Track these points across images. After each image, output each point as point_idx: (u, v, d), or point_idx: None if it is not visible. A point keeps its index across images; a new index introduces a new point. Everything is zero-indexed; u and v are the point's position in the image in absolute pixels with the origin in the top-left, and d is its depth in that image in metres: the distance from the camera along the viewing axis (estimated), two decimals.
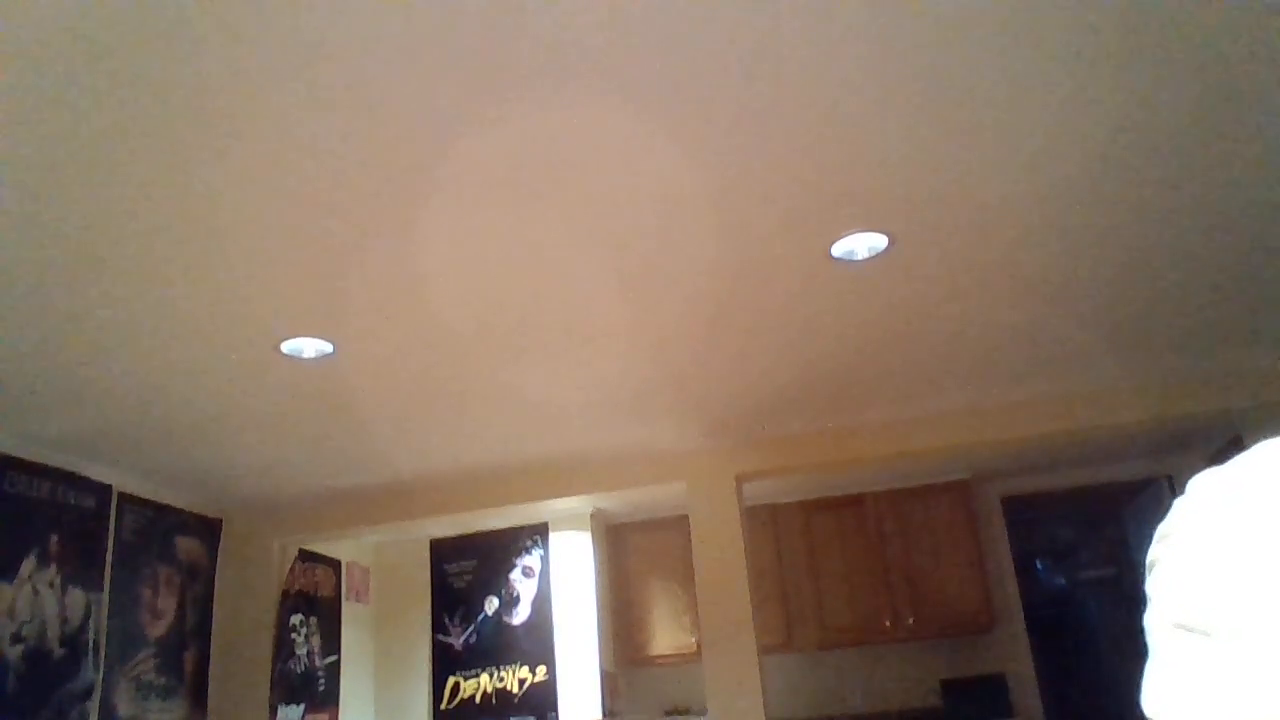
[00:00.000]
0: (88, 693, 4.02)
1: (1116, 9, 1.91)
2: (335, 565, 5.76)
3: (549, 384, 3.78)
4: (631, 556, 6.13)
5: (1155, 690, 0.56)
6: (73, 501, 4.08)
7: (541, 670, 5.68)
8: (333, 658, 5.59)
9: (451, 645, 5.91)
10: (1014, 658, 5.80)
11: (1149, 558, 0.61)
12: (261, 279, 2.72)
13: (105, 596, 4.20)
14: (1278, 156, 2.52)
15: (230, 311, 2.90)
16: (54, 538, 3.94)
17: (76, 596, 4.03)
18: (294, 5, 1.73)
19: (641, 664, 6.02)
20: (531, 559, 5.89)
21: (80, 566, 4.07)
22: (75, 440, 3.89)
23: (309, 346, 3.20)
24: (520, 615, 5.83)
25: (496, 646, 5.81)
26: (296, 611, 5.28)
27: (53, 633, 3.87)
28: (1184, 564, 0.57)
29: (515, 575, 5.91)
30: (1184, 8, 1.92)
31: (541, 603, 5.80)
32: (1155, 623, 0.58)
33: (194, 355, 3.18)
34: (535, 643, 5.74)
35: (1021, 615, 5.88)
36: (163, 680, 4.52)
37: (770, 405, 4.28)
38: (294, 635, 5.22)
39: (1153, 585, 0.60)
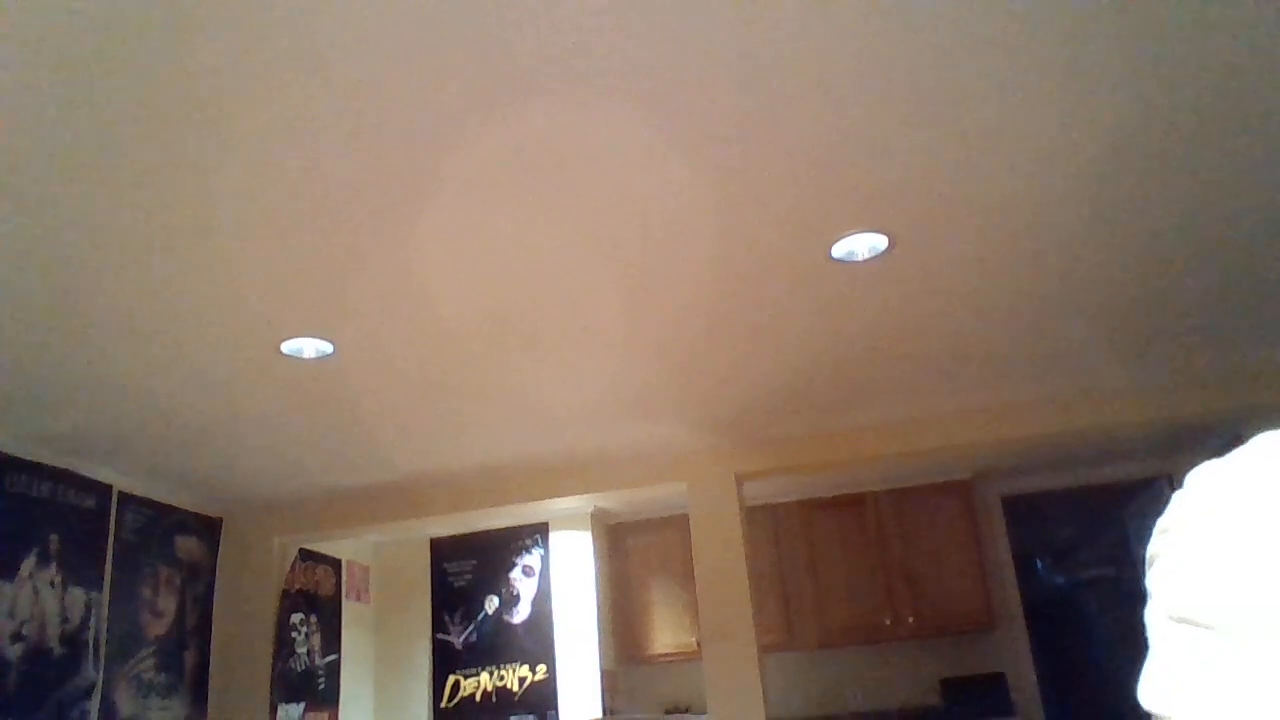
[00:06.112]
0: (88, 692, 4.02)
1: (1116, 10, 1.91)
2: (335, 565, 5.77)
3: (549, 384, 3.78)
4: (631, 556, 6.13)
5: (1153, 682, 0.56)
6: (73, 501, 4.08)
7: (541, 669, 5.69)
8: (333, 656, 5.59)
9: (451, 644, 5.92)
10: (1014, 657, 5.80)
11: (1149, 552, 0.61)
12: (261, 279, 2.72)
13: (105, 596, 4.20)
14: (1278, 157, 2.52)
15: (230, 311, 2.90)
16: (54, 537, 3.95)
17: (77, 596, 4.03)
18: (296, 5, 1.72)
19: (641, 662, 6.02)
20: (531, 558, 5.90)
21: (80, 566, 4.07)
22: (75, 440, 3.89)
23: (309, 346, 3.20)
24: (520, 614, 5.83)
25: (496, 645, 5.82)
26: (297, 610, 5.28)
27: (53, 632, 3.88)
28: (1183, 557, 0.57)
29: (515, 574, 5.91)
30: (1184, 8, 1.92)
31: (541, 601, 5.80)
32: (1155, 617, 0.58)
33: (194, 355, 3.18)
34: (535, 641, 5.74)
35: (1021, 615, 5.88)
36: (163, 679, 4.53)
37: (770, 405, 4.28)
38: (294, 634, 5.23)
39: (1153, 580, 0.60)
